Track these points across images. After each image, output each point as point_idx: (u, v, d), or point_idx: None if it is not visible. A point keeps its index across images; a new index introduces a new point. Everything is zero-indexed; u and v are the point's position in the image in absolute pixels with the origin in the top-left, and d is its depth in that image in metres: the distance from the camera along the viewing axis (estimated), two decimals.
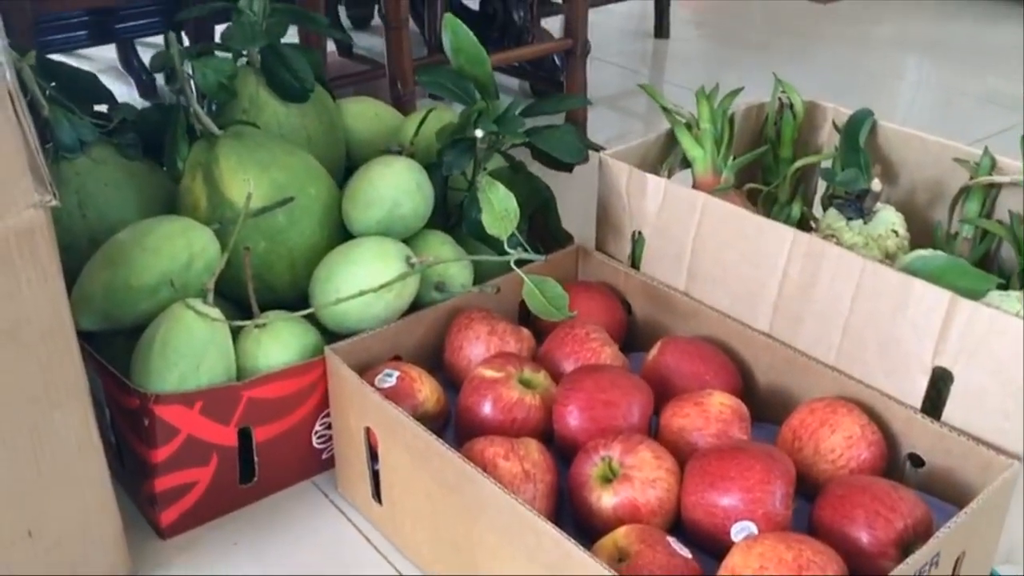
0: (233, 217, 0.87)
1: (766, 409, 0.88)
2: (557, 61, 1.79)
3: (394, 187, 0.94)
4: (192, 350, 0.81)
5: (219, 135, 0.91)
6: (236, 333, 0.87)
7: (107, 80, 1.90)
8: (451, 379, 0.92)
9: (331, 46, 1.94)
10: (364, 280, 0.88)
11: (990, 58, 2.10)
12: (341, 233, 0.96)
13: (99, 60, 2.00)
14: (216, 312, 0.84)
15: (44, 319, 0.67)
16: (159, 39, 1.71)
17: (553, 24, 1.93)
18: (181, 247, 0.85)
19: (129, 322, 0.85)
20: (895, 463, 0.80)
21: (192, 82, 0.95)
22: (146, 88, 1.86)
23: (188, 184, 0.92)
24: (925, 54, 2.16)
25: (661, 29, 2.24)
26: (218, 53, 1.02)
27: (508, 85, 1.93)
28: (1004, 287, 0.87)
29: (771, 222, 0.89)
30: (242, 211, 0.86)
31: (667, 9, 2.22)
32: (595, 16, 2.16)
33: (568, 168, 1.06)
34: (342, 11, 2.15)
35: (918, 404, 0.80)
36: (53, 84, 0.93)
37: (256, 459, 0.87)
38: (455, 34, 1.01)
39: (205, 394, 0.82)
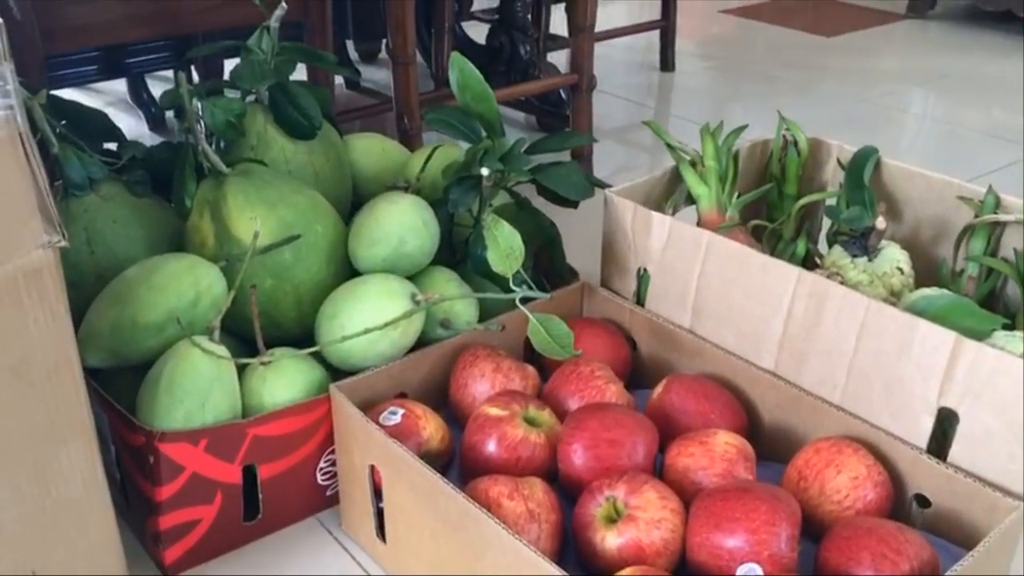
0: (240, 255, 0.88)
1: (771, 448, 0.88)
2: (563, 95, 1.80)
3: (399, 225, 0.94)
4: (198, 388, 0.82)
5: (227, 173, 0.92)
6: (242, 370, 0.88)
7: (117, 113, 1.94)
8: (456, 416, 0.92)
9: (339, 79, 1.96)
10: (369, 318, 0.88)
11: (994, 92, 2.11)
12: (347, 270, 0.96)
13: (109, 93, 2.02)
14: (222, 350, 0.84)
15: (51, 357, 0.67)
16: (169, 72, 1.74)
17: (559, 58, 1.94)
18: (188, 285, 0.85)
19: (136, 359, 0.86)
20: (901, 504, 0.80)
21: (201, 120, 0.95)
22: (156, 121, 1.88)
23: (196, 222, 0.92)
24: (929, 87, 2.17)
25: (666, 63, 2.26)
26: (227, 91, 1.03)
27: (514, 119, 1.95)
28: (1010, 326, 0.87)
29: (775, 260, 0.89)
30: (249, 248, 0.87)
31: (672, 43, 2.24)
32: (601, 49, 2.18)
33: (573, 204, 1.06)
34: (350, 45, 2.17)
35: (924, 444, 0.79)
36: (63, 122, 0.94)
37: (260, 496, 0.87)
38: (461, 72, 1.01)
39: (210, 432, 0.82)
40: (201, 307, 0.86)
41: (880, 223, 0.98)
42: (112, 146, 1.00)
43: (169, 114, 1.86)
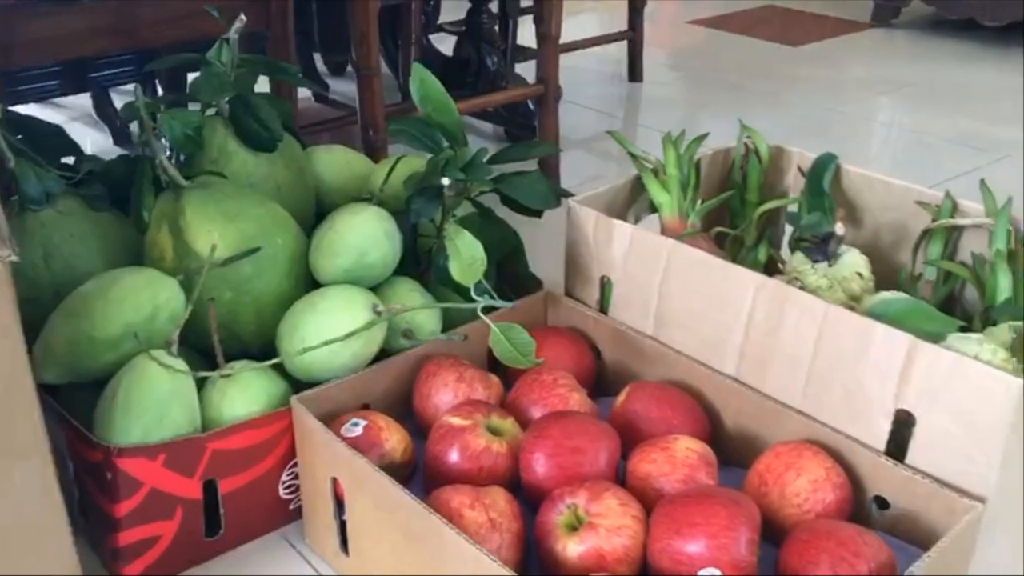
0: (198, 268, 0.87)
1: (734, 453, 0.88)
2: (531, 105, 1.81)
3: (361, 236, 0.94)
4: (155, 403, 0.81)
5: (185, 186, 0.91)
6: (201, 384, 0.87)
7: (82, 128, 1.93)
8: (420, 427, 0.92)
9: (309, 92, 1.96)
10: (330, 330, 0.88)
11: (958, 99, 2.13)
12: (308, 282, 0.96)
13: (73, 108, 2.01)
14: (180, 364, 0.84)
15: (3, 375, 0.66)
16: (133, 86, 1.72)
17: (528, 69, 1.95)
18: (145, 299, 0.85)
19: (93, 374, 0.85)
20: (861, 506, 0.80)
21: (159, 134, 0.95)
22: (121, 136, 1.87)
23: (154, 235, 0.92)
24: (894, 95, 2.19)
25: (635, 73, 2.27)
26: (191, 104, 1.03)
27: (483, 130, 1.95)
28: (967, 328, 0.87)
29: (736, 267, 0.90)
30: (207, 261, 0.86)
31: (639, 53, 2.25)
32: (570, 60, 2.19)
33: (537, 214, 1.07)
34: (318, 58, 2.17)
35: (882, 447, 0.80)
36: (19, 136, 0.93)
37: (222, 511, 0.87)
38: (423, 83, 1.02)
39: (168, 447, 0.81)
40: (159, 321, 0.85)
41: (839, 229, 0.99)
42: (70, 160, 0.99)
43: (135, 127, 1.85)
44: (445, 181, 0.96)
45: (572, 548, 0.73)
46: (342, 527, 0.85)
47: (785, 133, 1.16)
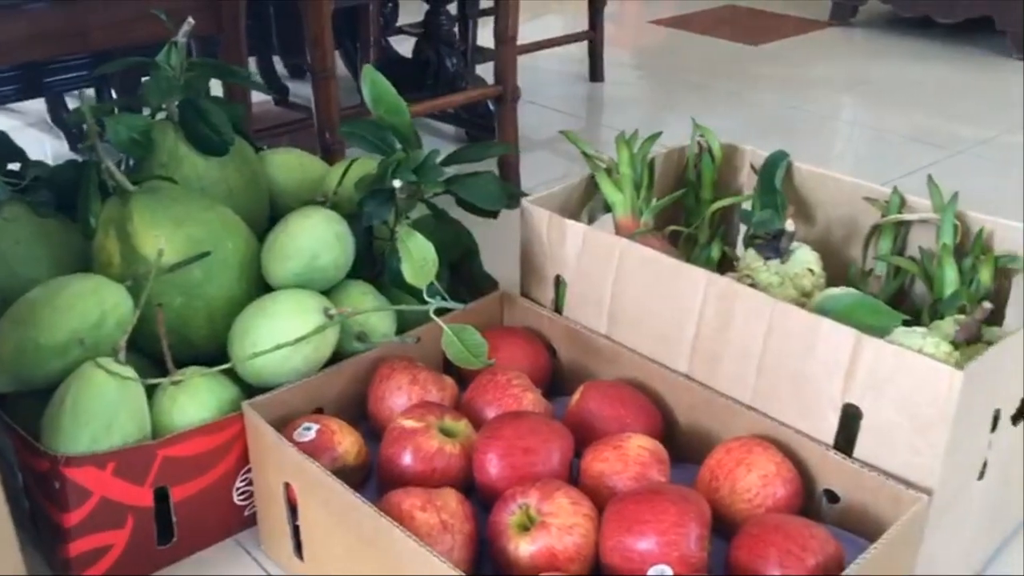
0: (146, 273, 0.86)
1: (687, 449, 0.89)
2: (492, 106, 1.81)
3: (312, 239, 0.94)
4: (103, 410, 0.80)
5: (133, 191, 0.90)
6: (151, 391, 0.86)
7: (38, 134, 1.91)
8: (375, 429, 0.92)
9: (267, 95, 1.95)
10: (281, 334, 0.88)
11: (915, 96, 2.16)
12: (260, 286, 0.95)
13: (29, 114, 1.99)
14: (128, 371, 0.83)
15: None
16: (90, 91, 1.71)
17: (488, 70, 1.95)
18: (92, 305, 0.84)
19: (40, 382, 0.84)
20: (812, 499, 0.81)
21: (106, 138, 0.94)
22: (77, 141, 1.85)
23: (101, 241, 0.91)
24: (854, 93, 2.22)
25: (596, 73, 2.27)
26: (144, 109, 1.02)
27: (444, 131, 1.95)
28: (915, 322, 0.88)
29: (686, 265, 0.90)
30: (154, 264, 0.86)
31: (600, 54, 2.26)
32: (531, 61, 2.20)
33: (492, 215, 1.07)
34: (278, 60, 2.15)
35: (831, 440, 0.81)
36: None
37: (174, 519, 0.86)
38: (374, 84, 1.01)
39: (118, 455, 0.80)
40: (106, 327, 0.84)
41: (789, 226, 0.99)
42: (16, 167, 0.98)
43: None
44: (396, 183, 0.96)
45: (524, 548, 0.74)
46: (296, 532, 0.84)
47: (747, 132, 1.17)
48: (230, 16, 1.26)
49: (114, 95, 1.71)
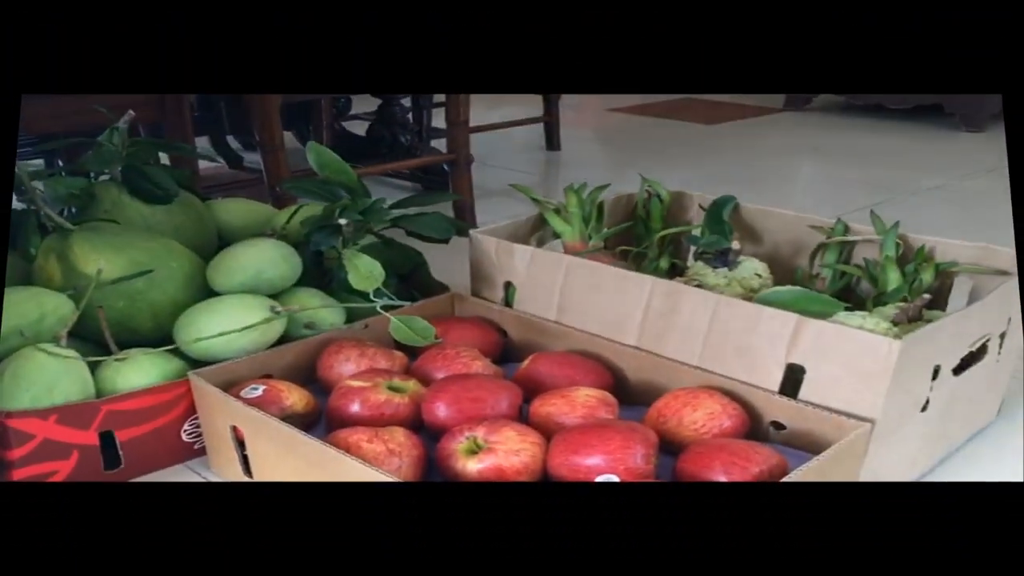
0: (87, 284, 0.87)
1: (637, 399, 0.88)
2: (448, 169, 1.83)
3: (258, 258, 0.95)
4: (43, 378, 0.81)
5: (73, 230, 0.92)
6: (96, 367, 0.87)
7: None
8: (324, 392, 0.90)
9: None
10: (227, 324, 0.88)
11: (871, 157, 2.22)
12: (207, 293, 0.95)
13: None
14: (70, 352, 0.84)
15: None
16: (37, 160, 1.73)
17: (443, 145, 1.97)
18: (32, 307, 0.85)
19: None
20: (758, 431, 0.81)
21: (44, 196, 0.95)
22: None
23: (41, 264, 0.92)
24: (811, 155, 2.28)
25: (552, 143, 2.32)
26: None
27: (404, 187, 1.96)
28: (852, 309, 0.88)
29: (633, 273, 0.92)
30: (94, 279, 0.87)
31: (557, 129, 2.31)
32: (490, 135, 2.24)
33: (444, 241, 1.09)
34: (232, 139, 2.19)
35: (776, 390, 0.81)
36: None
37: (120, 453, 0.85)
38: (319, 154, 1.07)
39: (60, 409, 0.80)
40: (47, 323, 0.86)
41: (736, 244, 1.01)
42: None
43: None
44: (343, 221, 0.98)
45: (472, 466, 0.73)
46: (245, 460, 0.83)
47: (701, 186, 1.18)
48: (173, 106, 1.31)
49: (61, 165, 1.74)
